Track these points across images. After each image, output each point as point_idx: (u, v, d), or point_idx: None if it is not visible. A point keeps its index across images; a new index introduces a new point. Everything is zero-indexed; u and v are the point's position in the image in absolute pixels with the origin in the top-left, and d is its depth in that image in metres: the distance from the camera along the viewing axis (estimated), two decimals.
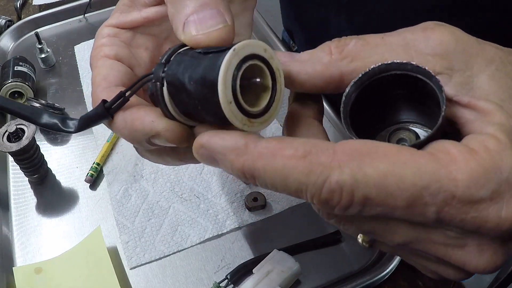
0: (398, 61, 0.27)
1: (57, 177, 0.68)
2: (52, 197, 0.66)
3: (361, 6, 0.57)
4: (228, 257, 0.57)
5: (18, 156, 0.63)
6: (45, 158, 0.68)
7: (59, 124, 0.35)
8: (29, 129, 0.62)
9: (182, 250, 0.58)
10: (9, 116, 0.78)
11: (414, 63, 0.27)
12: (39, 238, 0.61)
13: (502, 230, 0.24)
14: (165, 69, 0.29)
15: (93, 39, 0.37)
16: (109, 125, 0.33)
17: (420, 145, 0.26)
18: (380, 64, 0.28)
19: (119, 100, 0.31)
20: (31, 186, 0.67)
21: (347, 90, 0.28)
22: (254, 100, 0.29)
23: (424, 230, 0.26)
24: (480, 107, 0.26)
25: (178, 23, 0.30)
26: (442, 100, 0.26)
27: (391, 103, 0.30)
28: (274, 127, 0.69)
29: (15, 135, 0.62)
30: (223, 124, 0.28)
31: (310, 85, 0.30)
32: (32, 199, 0.66)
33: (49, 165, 0.69)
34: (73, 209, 0.64)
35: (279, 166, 0.25)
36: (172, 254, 0.58)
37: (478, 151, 0.24)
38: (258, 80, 0.28)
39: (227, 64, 0.26)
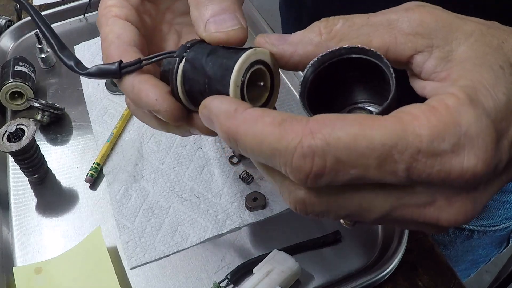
0: (349, 45, 0.30)
1: (57, 177, 0.68)
2: (52, 197, 0.66)
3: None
4: (228, 257, 0.57)
5: (18, 156, 0.63)
6: (45, 158, 0.68)
7: (73, 66, 0.40)
8: (29, 129, 0.62)
9: (182, 250, 0.58)
10: (9, 116, 0.78)
11: (365, 47, 0.29)
12: (39, 238, 0.61)
13: (465, 180, 0.26)
14: (188, 50, 0.34)
15: (93, 39, 0.40)
16: (117, 82, 0.37)
17: (381, 113, 0.27)
18: (334, 48, 0.30)
19: (134, 66, 0.35)
20: (31, 186, 0.67)
21: (304, 72, 0.31)
22: (254, 100, 0.33)
23: (396, 197, 0.27)
24: (450, 75, 0.28)
25: (200, 23, 0.35)
26: (391, 76, 0.28)
27: (345, 85, 0.32)
28: None
29: (15, 135, 0.62)
30: None
31: (303, 66, 0.31)
32: (32, 199, 0.66)
33: (49, 165, 0.69)
34: (73, 209, 0.64)
35: (257, 131, 0.27)
36: (172, 254, 0.58)
37: (437, 108, 0.26)
38: (261, 83, 0.33)
39: (246, 57, 0.31)
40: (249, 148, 0.28)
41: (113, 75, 0.36)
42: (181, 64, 0.34)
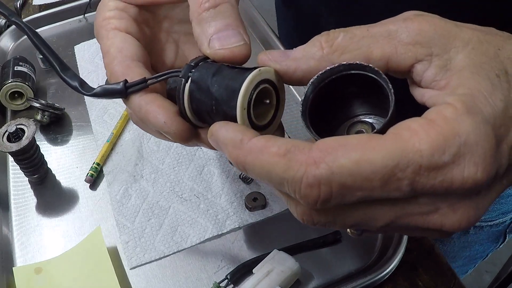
0: (348, 62, 0.30)
1: (57, 177, 0.68)
2: (52, 197, 0.66)
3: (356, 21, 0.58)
4: (228, 257, 0.57)
5: (18, 156, 0.63)
6: (45, 158, 0.68)
7: (78, 87, 0.38)
8: (29, 129, 0.62)
9: (182, 250, 0.58)
10: (9, 116, 0.78)
11: (363, 63, 0.30)
12: (39, 238, 0.61)
13: (467, 188, 0.26)
14: (193, 70, 0.34)
15: (93, 39, 0.39)
16: (123, 101, 0.37)
17: (381, 131, 0.28)
18: (333, 66, 0.30)
19: (139, 85, 0.35)
20: (31, 186, 0.67)
21: (305, 91, 0.31)
22: (260, 116, 0.33)
23: (401, 207, 0.28)
24: (449, 84, 0.29)
25: (203, 40, 0.34)
26: (390, 91, 0.29)
27: (345, 99, 0.33)
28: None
29: (15, 135, 0.62)
30: None
31: (307, 80, 0.31)
32: (32, 199, 0.66)
33: (49, 165, 0.69)
34: (73, 209, 0.64)
35: (264, 162, 0.28)
36: (172, 254, 0.58)
37: (436, 121, 0.26)
38: (267, 101, 0.33)
39: (251, 78, 0.31)
40: (258, 176, 0.29)
41: (119, 95, 0.36)
42: (187, 85, 0.34)
